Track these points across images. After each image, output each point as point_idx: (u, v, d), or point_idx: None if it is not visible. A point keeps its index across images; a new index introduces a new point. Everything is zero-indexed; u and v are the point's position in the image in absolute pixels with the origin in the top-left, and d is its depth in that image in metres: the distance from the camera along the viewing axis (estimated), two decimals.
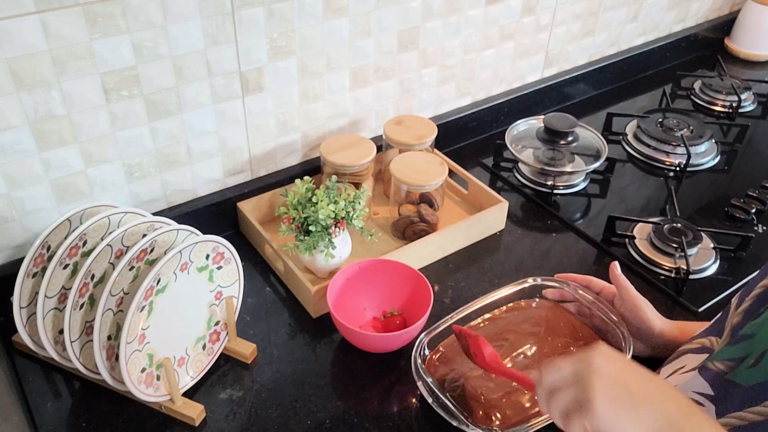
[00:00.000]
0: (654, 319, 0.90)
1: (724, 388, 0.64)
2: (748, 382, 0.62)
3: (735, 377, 0.63)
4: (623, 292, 0.91)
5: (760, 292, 0.67)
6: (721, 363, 0.65)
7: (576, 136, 1.35)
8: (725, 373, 0.64)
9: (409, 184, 1.10)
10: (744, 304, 0.68)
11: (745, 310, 0.68)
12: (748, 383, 0.62)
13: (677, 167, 1.37)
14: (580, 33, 1.53)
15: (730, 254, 1.14)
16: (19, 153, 0.90)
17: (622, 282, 0.91)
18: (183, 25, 0.94)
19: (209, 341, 0.93)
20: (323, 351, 0.97)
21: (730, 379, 0.64)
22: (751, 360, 0.62)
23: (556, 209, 1.26)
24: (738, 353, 0.64)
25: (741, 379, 0.63)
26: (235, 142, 1.11)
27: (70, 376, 0.91)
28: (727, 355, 0.65)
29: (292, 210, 1.00)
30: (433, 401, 0.84)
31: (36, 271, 0.89)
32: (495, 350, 0.84)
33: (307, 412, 0.88)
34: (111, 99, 0.94)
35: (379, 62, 1.21)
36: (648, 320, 0.90)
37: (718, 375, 0.65)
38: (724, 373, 0.64)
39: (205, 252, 0.90)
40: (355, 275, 1.00)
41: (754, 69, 1.80)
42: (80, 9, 0.85)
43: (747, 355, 0.63)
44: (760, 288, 0.67)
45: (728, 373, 0.64)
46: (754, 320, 0.64)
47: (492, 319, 0.98)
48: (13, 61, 0.84)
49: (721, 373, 0.65)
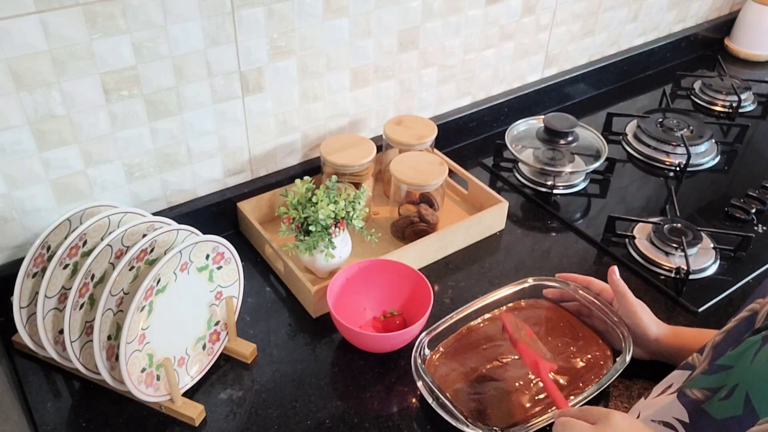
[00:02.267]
0: (650, 326, 0.90)
1: (699, 417, 0.64)
2: (719, 414, 0.62)
3: (709, 408, 0.63)
4: (621, 298, 0.91)
5: (746, 316, 0.66)
6: (698, 391, 0.65)
7: (576, 136, 1.35)
8: (701, 402, 0.64)
9: (409, 184, 1.10)
10: (730, 324, 0.68)
11: (728, 331, 0.67)
12: (719, 416, 0.62)
13: (677, 167, 1.37)
14: (580, 33, 1.53)
15: (730, 254, 1.14)
16: (19, 153, 0.90)
17: (620, 287, 0.91)
18: (183, 25, 0.94)
19: (209, 341, 0.93)
20: (323, 351, 0.97)
21: (705, 409, 0.64)
22: (723, 392, 0.62)
23: (556, 209, 1.26)
24: (713, 383, 0.64)
25: (713, 410, 0.63)
26: (235, 142, 1.11)
27: (70, 376, 0.91)
28: (703, 383, 0.65)
29: (292, 210, 1.00)
30: (433, 401, 0.84)
31: (36, 271, 0.89)
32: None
33: (307, 412, 0.88)
34: (111, 99, 0.94)
35: (379, 62, 1.21)
36: (644, 326, 0.90)
37: (695, 403, 0.65)
38: (701, 401, 0.64)
39: (205, 252, 0.90)
40: (355, 275, 1.00)
41: (754, 69, 1.80)
42: (80, 9, 0.85)
43: (721, 386, 0.63)
44: (748, 311, 0.66)
45: (704, 402, 0.64)
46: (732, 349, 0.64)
47: (492, 319, 0.98)
48: (13, 61, 0.84)
49: (697, 401, 0.65)
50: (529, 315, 0.98)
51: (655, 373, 0.86)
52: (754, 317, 0.64)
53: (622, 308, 0.92)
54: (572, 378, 0.90)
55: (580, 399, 0.85)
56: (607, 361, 0.91)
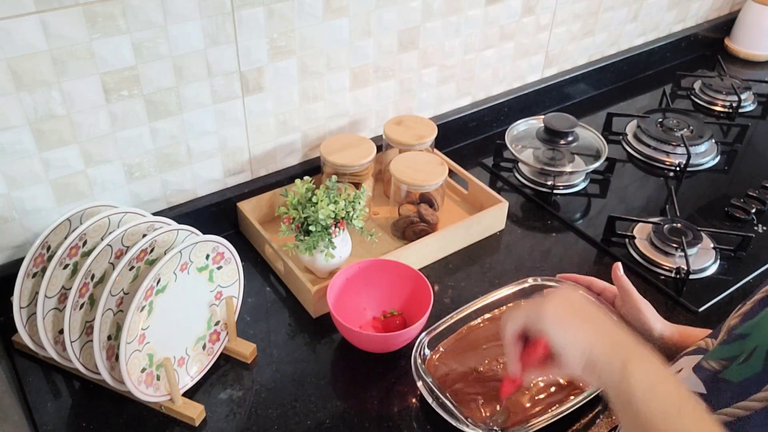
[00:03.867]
0: (654, 322, 0.90)
1: (716, 386, 0.65)
2: (738, 378, 0.62)
3: (726, 375, 0.64)
4: (625, 294, 0.91)
5: (762, 297, 0.67)
6: (715, 362, 0.66)
7: (576, 136, 1.35)
8: (719, 371, 0.65)
9: (409, 184, 1.10)
10: (744, 307, 0.68)
11: (744, 313, 0.68)
12: (737, 379, 0.62)
13: (677, 167, 1.37)
14: (580, 33, 1.53)
15: (730, 254, 1.14)
16: (19, 153, 0.90)
17: (624, 284, 0.91)
18: (183, 25, 0.94)
19: (209, 341, 0.93)
20: (323, 351, 0.97)
21: (722, 377, 0.64)
22: (741, 358, 0.63)
23: (556, 209, 1.26)
24: (731, 352, 0.64)
25: (732, 376, 0.63)
26: (235, 142, 1.11)
27: (70, 376, 0.91)
28: (720, 354, 0.66)
29: (292, 210, 1.00)
30: (433, 401, 0.84)
31: (36, 271, 0.89)
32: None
33: (307, 412, 0.88)
34: (111, 99, 0.94)
35: (379, 62, 1.21)
36: (648, 323, 0.90)
37: (712, 373, 0.66)
38: (718, 371, 0.65)
39: (205, 252, 0.90)
40: (355, 275, 1.00)
41: (754, 69, 1.80)
42: (80, 9, 0.85)
43: (740, 353, 0.63)
44: (763, 293, 0.67)
45: (721, 371, 0.64)
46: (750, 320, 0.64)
47: (492, 319, 0.98)
48: (13, 61, 0.84)
49: (714, 371, 0.65)
50: None
51: None
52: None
53: (626, 305, 0.91)
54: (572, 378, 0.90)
55: (580, 399, 0.85)
56: None
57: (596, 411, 0.89)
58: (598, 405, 0.90)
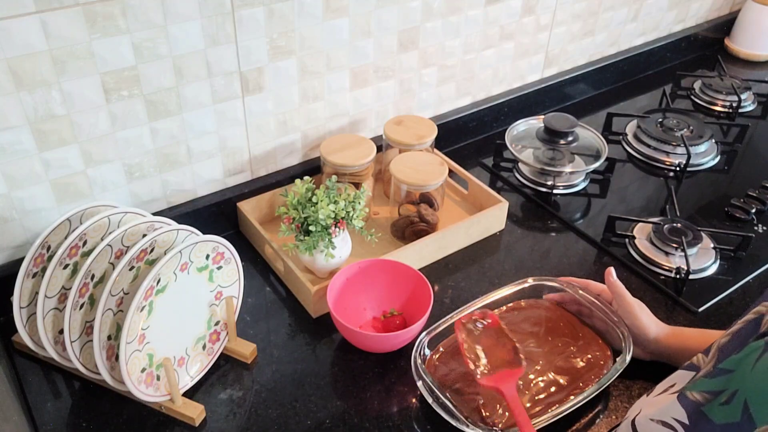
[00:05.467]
0: (650, 326, 0.90)
1: (698, 420, 0.65)
2: (719, 419, 0.62)
3: (708, 411, 0.63)
4: (618, 299, 0.91)
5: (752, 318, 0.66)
6: (698, 394, 0.65)
7: (576, 136, 1.35)
8: (701, 404, 0.65)
9: (409, 184, 1.10)
10: (736, 326, 0.68)
11: (734, 333, 0.67)
12: (718, 420, 0.62)
13: (677, 167, 1.37)
14: (580, 33, 1.53)
15: (730, 254, 1.14)
16: (19, 153, 0.90)
17: (617, 288, 0.92)
18: (183, 25, 0.94)
19: (209, 341, 0.93)
20: (323, 351, 0.97)
21: (704, 413, 0.64)
22: (723, 397, 0.62)
23: (556, 209, 1.26)
24: (715, 386, 0.64)
25: (713, 415, 0.63)
26: (235, 142, 1.11)
27: (70, 376, 0.91)
28: (705, 387, 0.65)
29: (292, 210, 1.00)
30: (433, 401, 0.84)
31: (36, 271, 0.89)
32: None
33: (307, 412, 0.88)
34: (111, 99, 0.94)
35: (379, 62, 1.21)
36: (643, 326, 0.90)
37: (695, 405, 0.65)
38: (701, 404, 0.65)
39: (205, 252, 0.90)
40: (355, 275, 1.00)
41: (754, 69, 1.80)
42: (80, 9, 0.85)
43: (722, 390, 0.63)
44: (754, 314, 0.66)
45: (704, 405, 0.64)
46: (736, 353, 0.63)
47: None
48: (13, 61, 0.84)
49: (697, 403, 0.65)
50: (529, 315, 0.98)
51: (655, 374, 0.86)
52: (759, 320, 0.64)
53: (620, 309, 0.92)
54: (572, 378, 0.90)
55: (580, 399, 0.85)
56: (607, 361, 0.91)
57: (596, 411, 0.89)
58: (598, 405, 0.90)
